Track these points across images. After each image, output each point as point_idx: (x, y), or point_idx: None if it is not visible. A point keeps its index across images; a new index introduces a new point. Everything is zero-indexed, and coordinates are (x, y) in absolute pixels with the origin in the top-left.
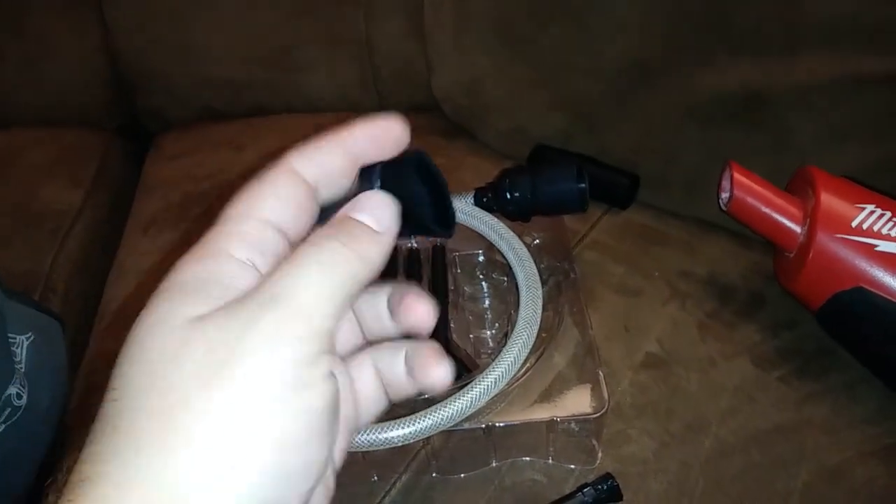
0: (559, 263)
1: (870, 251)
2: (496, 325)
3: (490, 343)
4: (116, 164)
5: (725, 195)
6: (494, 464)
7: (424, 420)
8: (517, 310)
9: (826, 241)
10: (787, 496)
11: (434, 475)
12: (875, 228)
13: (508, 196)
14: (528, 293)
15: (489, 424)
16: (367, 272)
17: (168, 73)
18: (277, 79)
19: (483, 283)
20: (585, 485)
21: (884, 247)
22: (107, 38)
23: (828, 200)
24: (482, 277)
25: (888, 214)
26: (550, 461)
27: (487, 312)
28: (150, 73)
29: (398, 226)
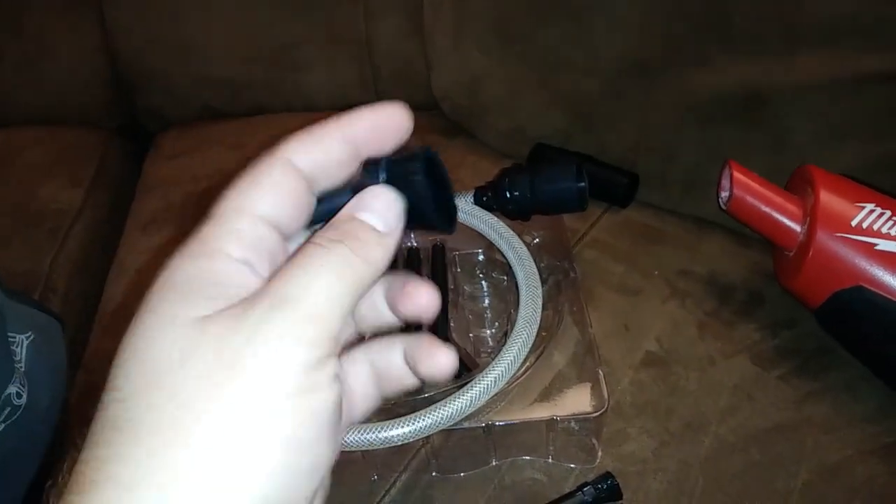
0: (559, 262)
1: (869, 250)
2: (496, 324)
3: (490, 342)
4: (116, 164)
5: (725, 194)
6: (494, 463)
7: (424, 419)
8: (517, 309)
9: (826, 240)
10: (787, 495)
11: (434, 474)
12: (875, 227)
13: (508, 195)
14: (528, 292)
15: (489, 423)
16: (373, 275)
17: (167, 73)
18: (277, 78)
19: (483, 282)
20: (585, 484)
21: (883, 245)
22: (106, 38)
23: (827, 199)
24: (482, 276)
25: (888, 213)
26: (550, 460)
27: (487, 311)
28: (150, 73)
29: (403, 225)
